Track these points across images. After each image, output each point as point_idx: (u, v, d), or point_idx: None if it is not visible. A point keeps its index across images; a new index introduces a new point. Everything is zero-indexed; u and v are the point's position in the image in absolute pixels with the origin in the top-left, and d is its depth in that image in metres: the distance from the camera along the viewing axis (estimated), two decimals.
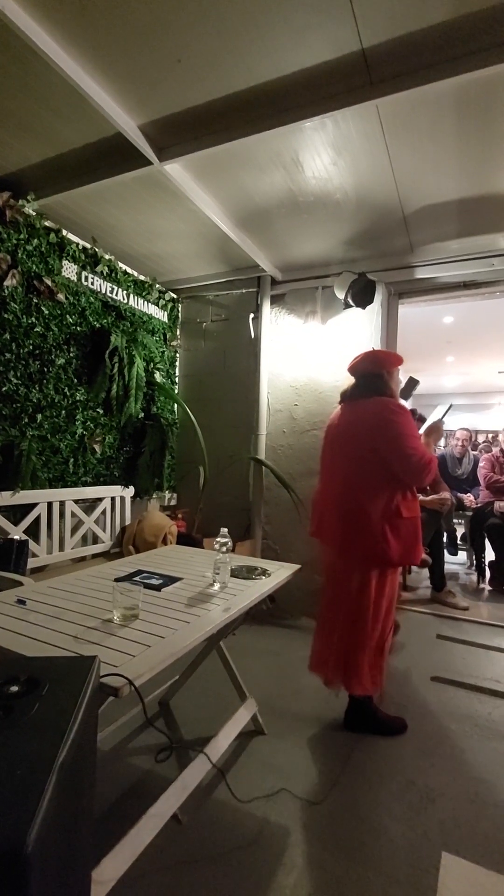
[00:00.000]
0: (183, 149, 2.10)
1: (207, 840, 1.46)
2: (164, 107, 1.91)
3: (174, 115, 1.95)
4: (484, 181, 2.27)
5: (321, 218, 2.67)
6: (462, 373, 10.00)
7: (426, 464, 1.79)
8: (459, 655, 2.72)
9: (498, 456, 4.01)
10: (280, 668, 2.57)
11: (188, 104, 1.89)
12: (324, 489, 2.09)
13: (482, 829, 1.52)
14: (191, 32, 1.56)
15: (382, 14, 1.46)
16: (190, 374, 3.88)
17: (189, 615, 1.37)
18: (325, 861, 1.40)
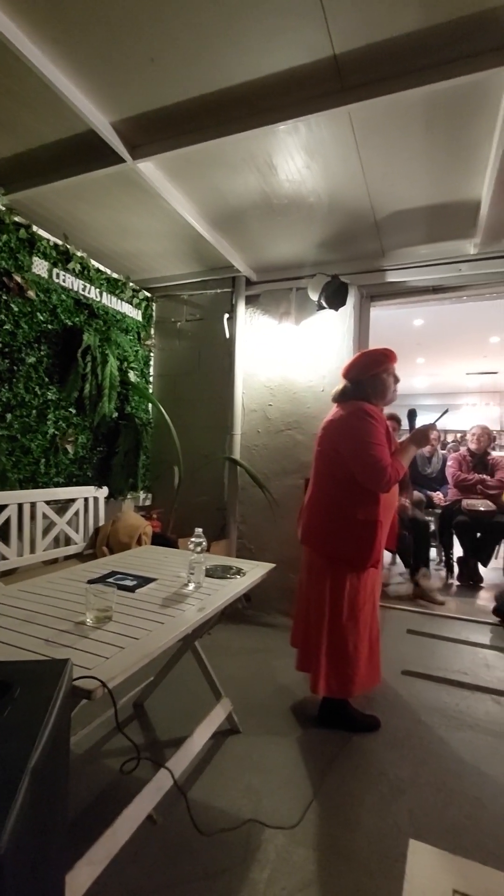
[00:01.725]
0: (156, 147, 2.09)
1: (182, 839, 1.47)
2: (138, 105, 1.90)
3: (147, 113, 1.94)
4: (451, 189, 2.34)
5: (295, 220, 2.70)
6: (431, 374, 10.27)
7: (380, 471, 1.78)
8: (429, 649, 2.79)
9: (465, 455, 4.13)
10: (256, 667, 2.58)
11: (162, 103, 1.88)
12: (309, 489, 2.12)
13: (449, 816, 1.57)
14: (164, 32, 1.56)
15: (354, 21, 1.49)
16: (164, 373, 3.85)
17: (163, 616, 1.37)
18: (299, 855, 1.42)
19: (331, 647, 1.94)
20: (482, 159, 2.08)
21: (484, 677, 2.47)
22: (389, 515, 1.97)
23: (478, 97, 1.74)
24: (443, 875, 0.80)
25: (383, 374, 1.96)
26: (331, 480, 1.95)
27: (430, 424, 2.04)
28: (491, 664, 2.60)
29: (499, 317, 5.71)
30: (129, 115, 1.95)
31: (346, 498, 1.88)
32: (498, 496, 3.92)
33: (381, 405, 1.99)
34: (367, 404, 1.90)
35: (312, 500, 2.04)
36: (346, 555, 1.89)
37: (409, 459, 1.95)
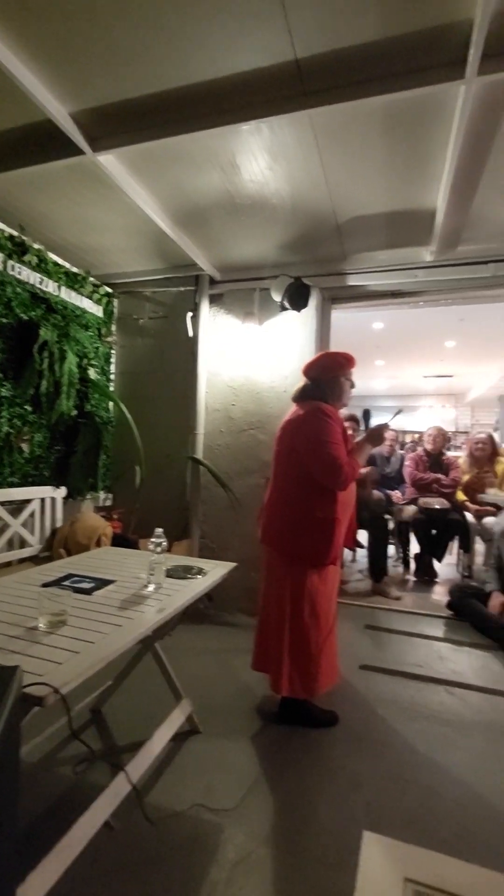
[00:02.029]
0: (117, 140, 2.05)
1: (140, 844, 1.44)
2: (98, 97, 1.85)
3: (108, 105, 1.90)
4: (409, 198, 2.41)
5: (259, 221, 2.71)
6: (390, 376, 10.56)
7: (337, 469, 1.83)
8: (386, 644, 2.87)
9: (422, 455, 4.27)
10: (218, 666, 2.58)
11: (123, 96, 1.85)
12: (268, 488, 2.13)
13: (405, 806, 1.62)
14: (125, 24, 1.53)
15: (315, 27, 1.51)
16: (126, 371, 3.78)
17: (121, 618, 1.34)
18: (258, 853, 1.43)
19: (293, 646, 1.95)
20: (438, 170, 2.15)
21: (438, 669, 2.56)
22: (347, 513, 2.02)
23: (433, 110, 1.80)
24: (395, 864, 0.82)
25: (342, 377, 2.01)
26: (289, 479, 1.97)
27: (384, 424, 2.11)
28: (444, 656, 2.71)
29: (454, 322, 5.94)
30: (89, 106, 1.90)
31: (305, 496, 1.91)
32: (452, 494, 4.08)
33: (338, 406, 2.04)
34: (324, 404, 1.95)
35: (272, 500, 2.05)
36: (306, 552, 1.92)
37: (364, 458, 2.01)
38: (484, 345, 7.25)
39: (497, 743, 1.98)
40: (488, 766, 1.84)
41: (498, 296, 3.18)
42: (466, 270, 2.98)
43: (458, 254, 2.93)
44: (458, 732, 2.04)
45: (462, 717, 2.15)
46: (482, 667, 2.60)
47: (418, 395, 13.27)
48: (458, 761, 1.85)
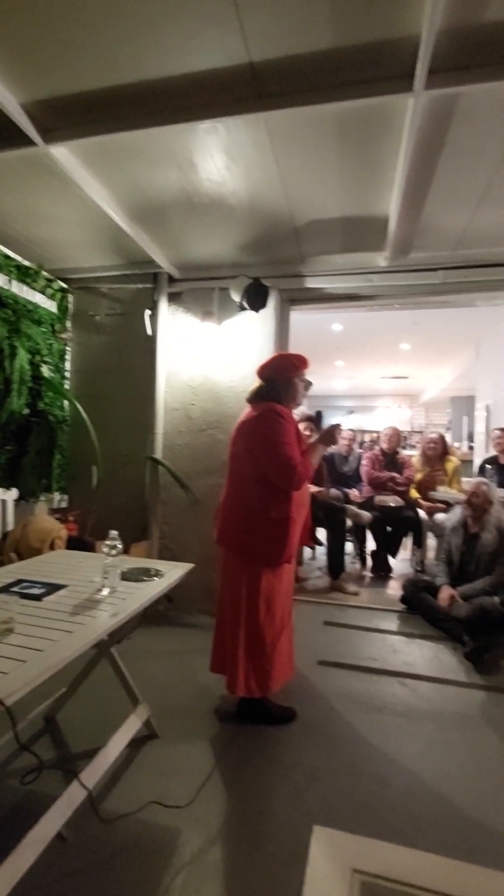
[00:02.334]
0: (71, 133, 1.98)
1: (95, 853, 1.42)
2: (50, 87, 1.79)
3: (62, 97, 1.84)
4: (362, 204, 2.47)
5: (217, 220, 2.70)
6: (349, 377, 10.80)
7: (291, 469, 1.86)
8: (343, 639, 2.94)
9: (378, 454, 4.40)
10: (177, 668, 2.56)
11: (77, 88, 1.79)
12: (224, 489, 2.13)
13: (358, 797, 1.67)
14: (78, 14, 1.48)
15: (269, 31, 1.52)
16: (82, 369, 3.68)
17: (72, 624, 1.31)
18: (213, 853, 1.43)
19: (249, 646, 1.97)
20: (390, 178, 2.22)
21: (391, 662, 2.65)
22: (302, 512, 2.05)
23: (384, 120, 1.85)
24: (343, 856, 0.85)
25: (296, 378, 2.05)
26: (244, 480, 1.98)
27: (336, 424, 2.16)
28: (398, 649, 2.80)
29: (408, 326, 6.15)
30: (41, 96, 1.83)
31: (260, 497, 1.93)
32: (406, 492, 4.22)
33: (291, 407, 2.07)
34: (278, 405, 1.97)
35: (227, 501, 2.06)
36: (261, 552, 1.94)
37: (318, 458, 2.05)
38: (436, 348, 7.54)
39: (444, 730, 2.07)
40: (436, 754, 1.92)
41: (447, 302, 3.32)
42: (418, 277, 3.09)
43: (410, 260, 3.04)
44: (409, 722, 2.12)
45: (413, 708, 2.23)
46: (433, 657, 2.71)
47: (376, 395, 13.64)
48: (408, 750, 1.93)
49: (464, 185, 2.27)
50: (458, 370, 8.47)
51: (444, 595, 2.97)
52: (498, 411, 5.78)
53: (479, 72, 1.58)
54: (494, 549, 2.93)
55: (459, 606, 2.85)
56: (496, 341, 5.84)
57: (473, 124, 1.86)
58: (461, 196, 2.36)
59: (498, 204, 2.41)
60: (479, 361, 7.01)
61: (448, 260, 3.02)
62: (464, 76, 1.59)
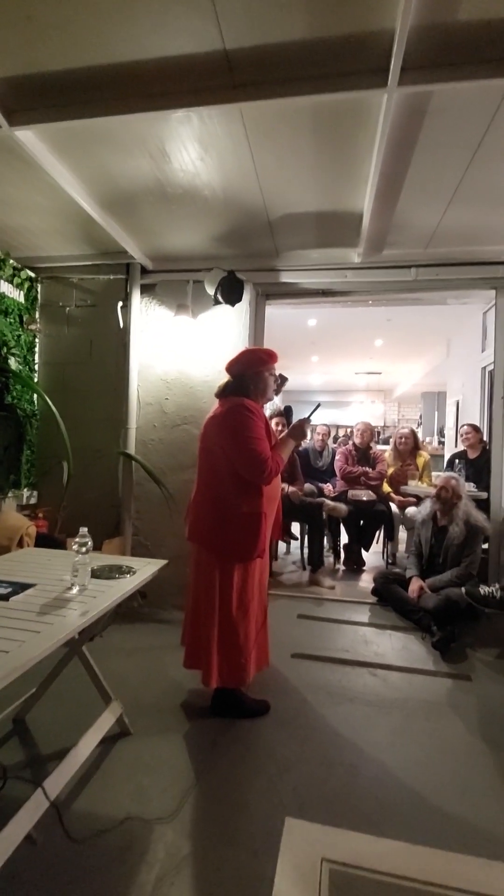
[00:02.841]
0: (37, 116, 1.91)
1: (66, 854, 1.40)
2: (14, 66, 1.72)
3: (26, 77, 1.77)
4: (337, 198, 2.47)
5: (191, 211, 2.66)
6: (325, 372, 10.87)
7: (261, 464, 1.86)
8: (317, 631, 2.98)
9: (351, 449, 4.45)
10: (151, 664, 2.54)
11: (42, 68, 1.73)
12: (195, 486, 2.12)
13: (330, 786, 1.70)
14: None
15: (243, 19, 1.49)
16: (52, 361, 3.58)
17: (40, 624, 1.28)
18: (187, 848, 1.43)
19: (222, 640, 1.97)
20: (364, 174, 2.23)
21: (363, 653, 2.70)
22: (273, 507, 2.06)
23: (358, 115, 1.85)
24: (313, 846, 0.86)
25: (265, 372, 2.04)
26: (215, 476, 1.97)
27: (305, 419, 2.17)
28: (369, 640, 2.85)
29: (382, 322, 6.22)
30: (4, 75, 1.76)
31: (231, 492, 1.92)
32: (379, 486, 4.29)
33: (262, 402, 2.07)
34: (247, 400, 1.97)
35: (198, 497, 2.05)
36: (234, 547, 1.94)
37: (288, 452, 2.06)
38: (409, 344, 7.67)
39: (412, 718, 2.13)
40: (403, 741, 1.97)
41: (419, 299, 3.37)
42: (391, 273, 3.13)
43: (384, 257, 3.07)
44: (379, 711, 2.16)
45: (383, 697, 2.28)
46: (402, 648, 2.77)
47: (351, 390, 13.81)
48: (378, 739, 1.97)
49: (436, 183, 2.30)
50: (429, 366, 8.64)
51: (413, 587, 3.04)
52: (467, 407, 5.92)
53: (450, 71, 1.60)
54: (462, 541, 3.01)
55: (428, 598, 2.93)
56: (466, 338, 5.97)
57: (445, 123, 1.88)
58: (433, 194, 2.39)
59: (468, 203, 2.46)
60: (450, 358, 7.17)
61: (420, 257, 3.06)
62: (436, 74, 1.61)
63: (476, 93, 1.70)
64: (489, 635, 2.87)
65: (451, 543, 3.04)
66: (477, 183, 2.28)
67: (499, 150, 2.04)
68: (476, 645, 2.81)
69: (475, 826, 1.54)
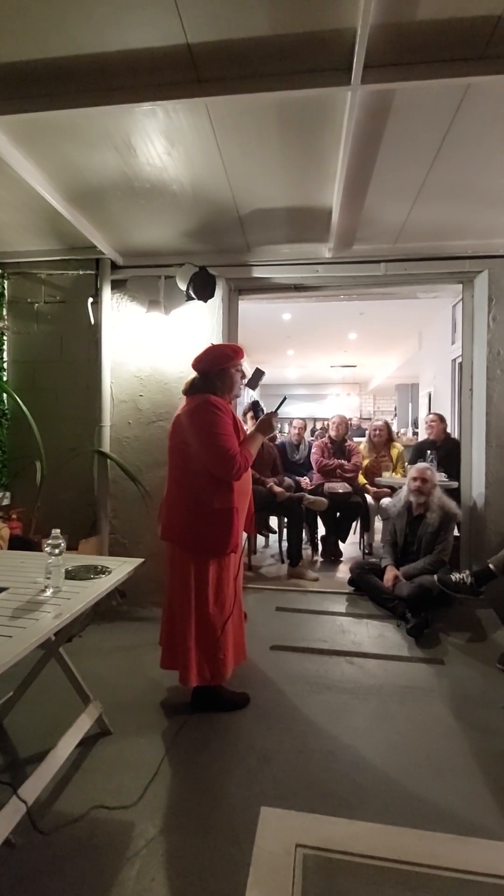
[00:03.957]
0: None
1: (46, 855, 1.40)
2: None
3: None
4: (306, 194, 2.48)
5: (160, 206, 2.63)
6: (301, 366, 10.93)
7: (230, 459, 1.88)
8: (295, 623, 3.02)
9: (326, 442, 4.50)
10: (130, 663, 2.54)
11: (1, 59, 1.68)
12: (166, 484, 2.12)
13: (308, 774, 1.74)
14: None
15: (205, 12, 1.47)
16: (21, 359, 3.50)
17: (13, 628, 1.27)
18: (168, 841, 1.45)
19: (200, 637, 1.98)
20: (332, 170, 2.24)
21: (340, 642, 2.76)
22: (245, 501, 2.07)
23: (324, 111, 1.86)
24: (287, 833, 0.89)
25: (231, 368, 2.05)
26: (185, 473, 1.98)
27: (272, 413, 2.20)
28: (346, 629, 2.91)
29: (355, 316, 6.29)
30: None
31: (202, 489, 1.93)
32: (354, 478, 4.35)
33: (228, 398, 2.08)
34: (213, 397, 1.97)
35: (170, 495, 2.05)
36: (207, 543, 1.95)
37: (256, 447, 2.06)
38: (382, 337, 7.77)
39: (388, 703, 2.19)
40: (379, 725, 2.03)
41: (389, 293, 3.42)
42: (361, 268, 3.16)
43: (354, 252, 3.10)
44: (356, 699, 2.22)
45: (360, 684, 2.34)
46: (378, 636, 2.84)
47: (327, 383, 13.92)
48: (355, 725, 2.02)
49: (402, 179, 2.33)
50: (402, 359, 8.78)
51: (388, 576, 3.11)
52: (439, 398, 6.05)
53: (411, 69, 1.62)
54: (436, 528, 3.08)
55: (402, 586, 3.00)
56: (437, 331, 6.09)
57: (409, 121, 1.91)
58: (400, 190, 2.43)
59: (434, 199, 2.50)
60: (422, 350, 7.30)
61: (389, 253, 3.10)
62: (398, 73, 1.63)
63: (437, 91, 1.74)
64: (460, 620, 2.96)
65: (426, 531, 3.12)
66: (442, 179, 2.32)
67: (461, 148, 2.08)
68: (448, 630, 2.89)
69: (448, 804, 1.60)
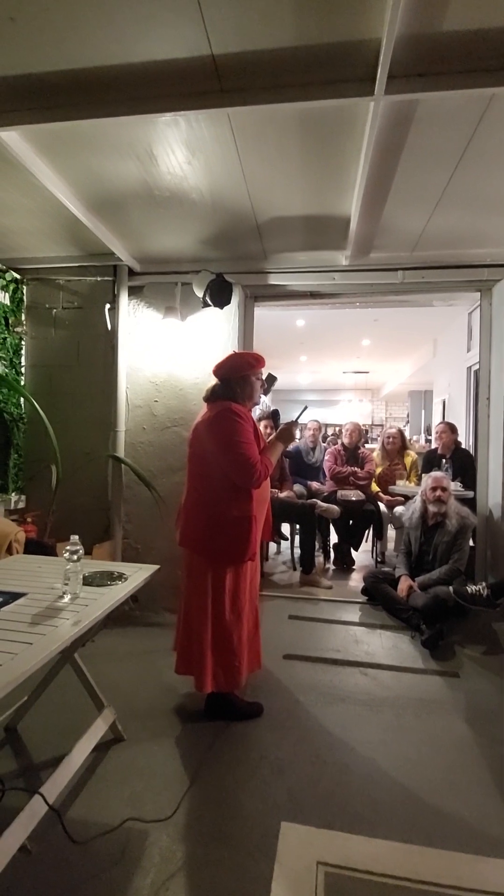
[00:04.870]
0: (21, 117, 1.89)
1: (60, 865, 1.39)
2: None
3: (10, 78, 1.74)
4: (324, 203, 2.49)
5: (178, 214, 2.65)
6: (313, 371, 10.92)
7: (250, 467, 1.88)
8: (308, 632, 3.00)
9: (340, 449, 4.48)
10: (143, 669, 2.54)
11: (26, 69, 1.71)
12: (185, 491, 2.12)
13: (323, 786, 1.72)
14: None
15: (231, 24, 1.49)
16: (39, 364, 3.54)
17: (33, 635, 1.27)
18: (183, 852, 1.44)
19: (216, 644, 1.97)
20: (351, 179, 2.24)
21: (353, 652, 2.73)
22: (263, 510, 2.07)
23: (346, 121, 1.86)
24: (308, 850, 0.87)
25: (251, 376, 2.05)
26: (204, 480, 1.98)
27: (293, 422, 2.19)
28: (359, 639, 2.88)
29: (369, 323, 6.27)
30: None
31: (221, 496, 1.93)
32: (367, 486, 4.32)
33: (249, 405, 2.08)
34: (234, 404, 1.97)
35: (189, 502, 2.05)
36: (225, 551, 1.94)
37: (276, 456, 2.07)
38: (396, 344, 7.74)
39: (401, 716, 2.16)
40: (393, 738, 2.00)
41: (406, 301, 3.40)
42: (378, 276, 3.16)
43: (371, 260, 3.09)
44: (370, 710, 2.19)
45: (374, 696, 2.31)
46: (392, 647, 2.81)
47: (339, 389, 13.87)
48: (369, 738, 1.99)
49: (422, 188, 2.32)
50: (416, 365, 8.72)
51: (402, 586, 3.07)
52: (454, 406, 6.00)
53: (436, 80, 1.62)
54: (452, 538, 3.05)
55: (417, 596, 2.96)
56: (452, 338, 6.04)
57: (431, 130, 1.90)
58: (419, 199, 2.42)
59: (453, 208, 2.49)
60: (437, 357, 7.24)
61: (407, 260, 3.09)
62: (422, 83, 1.63)
63: (461, 101, 1.73)
64: (476, 632, 2.92)
65: (442, 541, 3.08)
66: (462, 188, 2.31)
67: (483, 157, 2.07)
68: (464, 642, 2.85)
69: (466, 822, 1.57)
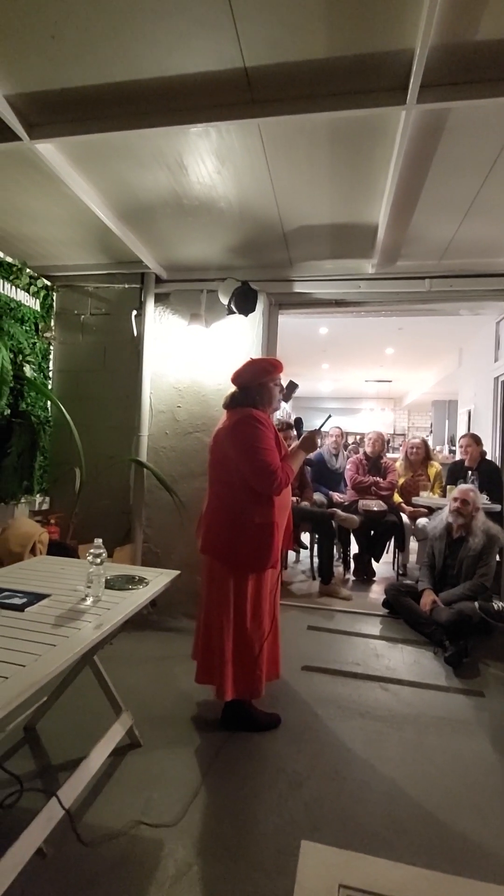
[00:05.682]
0: (58, 130, 1.95)
1: (75, 867, 1.39)
2: (37, 82, 1.75)
3: (48, 92, 1.80)
4: (352, 211, 2.48)
5: (206, 222, 2.68)
6: (335, 379, 10.85)
7: (271, 474, 1.86)
8: (327, 644, 2.95)
9: (361, 458, 4.43)
10: (160, 674, 2.54)
11: (64, 84, 1.76)
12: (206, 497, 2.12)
13: (341, 803, 1.68)
14: (65, 10, 1.45)
15: (264, 37, 1.51)
16: (66, 369, 3.62)
17: (56, 636, 1.28)
18: (199, 866, 1.42)
19: (237, 652, 1.96)
20: (380, 188, 2.23)
21: (374, 666, 2.67)
22: (284, 516, 2.05)
23: (376, 130, 1.86)
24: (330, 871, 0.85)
25: (270, 383, 2.04)
26: (226, 487, 1.98)
27: (316, 430, 2.18)
28: (380, 653, 2.83)
29: (393, 331, 6.20)
30: (26, 90, 1.79)
31: (242, 503, 1.93)
32: (389, 496, 4.26)
33: (269, 412, 2.07)
34: (255, 411, 1.97)
35: (210, 509, 2.05)
36: (247, 558, 1.93)
37: (298, 464, 2.06)
38: (420, 353, 7.63)
39: (423, 734, 2.10)
40: (415, 757, 1.94)
41: (433, 310, 3.36)
42: (405, 284, 3.13)
43: (398, 268, 3.07)
44: (390, 727, 2.14)
45: (394, 712, 2.25)
46: (414, 662, 2.74)
47: (360, 398, 13.74)
48: (389, 755, 1.94)
49: (451, 197, 2.30)
50: (440, 375, 8.58)
51: (425, 600, 3.01)
52: (479, 417, 5.87)
53: (468, 88, 1.60)
54: (478, 552, 2.97)
55: (440, 611, 2.89)
56: (479, 348, 5.93)
57: (462, 139, 1.88)
58: (448, 208, 2.39)
59: (483, 216, 2.45)
60: (462, 367, 7.11)
61: (434, 269, 3.06)
62: (454, 92, 1.61)
63: (493, 109, 1.71)
64: (502, 650, 2.83)
65: (467, 555, 3.00)
66: (493, 197, 2.27)
67: None
68: (489, 660, 2.77)
69: (490, 847, 1.51)
